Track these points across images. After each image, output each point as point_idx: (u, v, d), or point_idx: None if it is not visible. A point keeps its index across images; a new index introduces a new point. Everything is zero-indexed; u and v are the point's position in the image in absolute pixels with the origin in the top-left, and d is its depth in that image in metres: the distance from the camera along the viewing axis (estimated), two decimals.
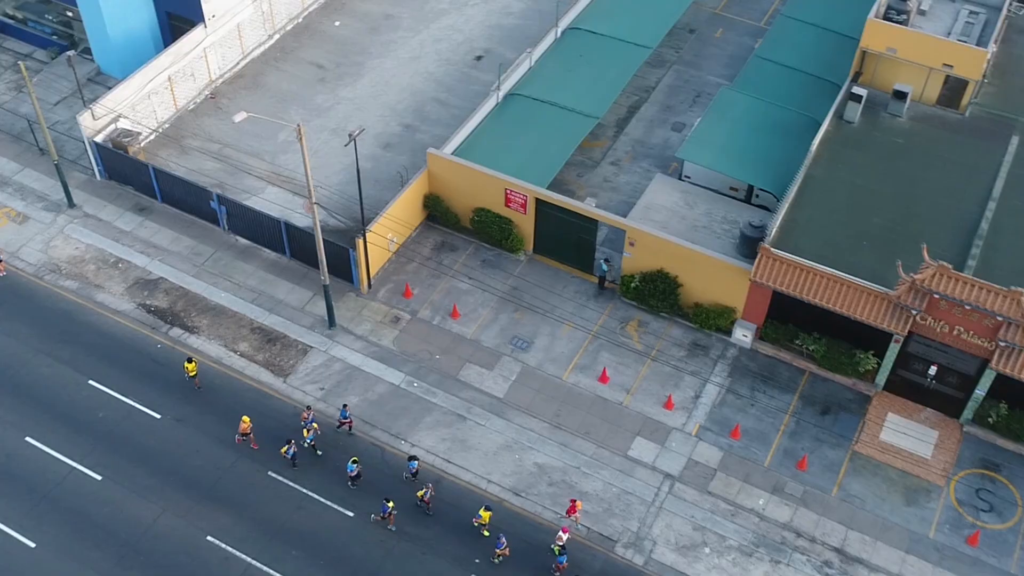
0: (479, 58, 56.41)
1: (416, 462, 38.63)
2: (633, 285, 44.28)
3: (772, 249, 40.80)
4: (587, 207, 44.90)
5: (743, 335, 43.46)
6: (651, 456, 40.30)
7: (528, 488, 39.28)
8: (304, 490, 38.95)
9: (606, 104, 49.72)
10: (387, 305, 45.09)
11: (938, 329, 39.20)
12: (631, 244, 43.87)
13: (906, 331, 39.39)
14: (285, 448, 38.98)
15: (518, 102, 49.64)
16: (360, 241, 43.51)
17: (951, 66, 45.46)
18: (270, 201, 48.02)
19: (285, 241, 45.97)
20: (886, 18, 46.41)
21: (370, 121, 52.09)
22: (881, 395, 42.12)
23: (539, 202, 45.07)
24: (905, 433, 41.00)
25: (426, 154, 46.85)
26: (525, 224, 46.06)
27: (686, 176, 47.70)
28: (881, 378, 41.82)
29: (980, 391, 39.94)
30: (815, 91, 49.42)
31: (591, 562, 37.08)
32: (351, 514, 38.41)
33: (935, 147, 45.53)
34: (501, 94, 49.84)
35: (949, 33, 46.89)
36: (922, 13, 47.70)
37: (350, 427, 40.43)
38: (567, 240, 45.62)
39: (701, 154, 46.70)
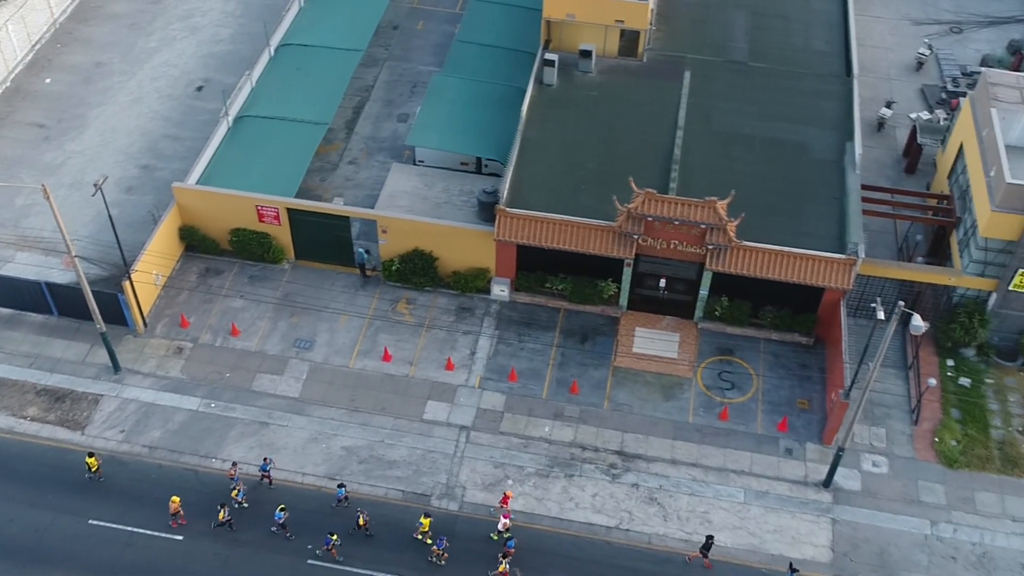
0: (200, 88, 58.16)
1: (344, 489, 40.57)
2: (394, 268, 48.14)
3: (507, 209, 45.70)
4: (336, 207, 48.25)
5: (500, 290, 48.34)
6: (444, 415, 44.45)
7: (341, 471, 42.50)
8: (129, 528, 40.44)
9: (332, 109, 53.05)
10: (167, 339, 46.74)
11: (658, 247, 45.40)
12: (384, 232, 47.65)
13: (633, 254, 45.42)
14: (222, 514, 39.78)
15: (249, 123, 52.09)
16: (127, 284, 44.95)
17: (622, 21, 51.89)
18: (24, 265, 48.31)
19: (50, 301, 46.52)
20: None
21: (107, 169, 52.94)
22: (627, 314, 48.17)
23: (291, 211, 47.97)
24: (653, 341, 47.22)
25: (171, 189, 48.61)
26: (282, 235, 48.85)
27: (420, 160, 51.93)
28: (623, 300, 47.84)
29: (704, 291, 46.67)
30: (515, 63, 54.79)
31: (412, 520, 40.83)
32: (180, 538, 40.30)
33: (624, 93, 51.87)
34: (230, 119, 52.09)
35: None
36: None
37: (268, 480, 41.75)
38: (325, 241, 48.79)
39: (428, 138, 51.01)
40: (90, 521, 40.63)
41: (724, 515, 41.50)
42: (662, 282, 47.05)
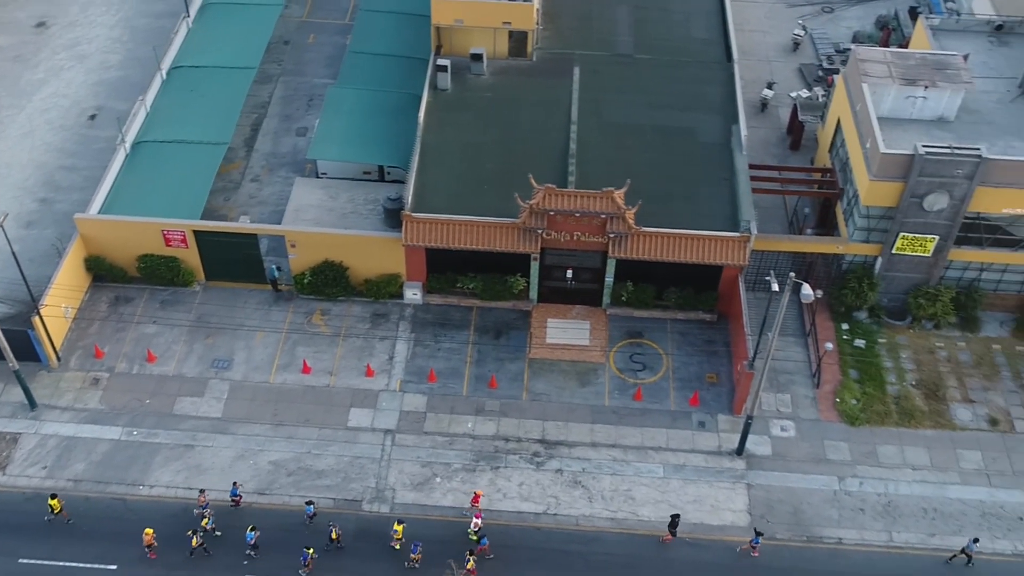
0: (93, 117, 57.70)
1: (312, 506, 41.07)
2: (306, 281, 48.73)
3: (413, 214, 46.69)
4: (243, 225, 48.62)
5: (413, 294, 49.32)
6: (368, 420, 45.28)
7: (270, 485, 42.99)
8: (60, 563, 40.33)
9: (230, 129, 53.26)
10: (82, 371, 46.54)
11: (562, 239, 46.92)
12: (293, 246, 48.19)
13: (538, 249, 46.84)
14: (195, 540, 39.86)
15: (147, 148, 52.02)
16: (36, 319, 44.66)
17: (510, 22, 53.23)
18: None
19: None
20: None
21: (4, 205, 52.24)
22: (537, 307, 49.61)
23: (197, 233, 48.16)
24: (565, 330, 48.75)
25: (73, 220, 48.33)
26: (190, 257, 49.00)
27: (322, 173, 52.55)
28: (533, 293, 49.26)
29: (609, 278, 48.36)
30: (409, 70, 55.77)
31: (345, 525, 41.55)
32: (114, 567, 40.38)
33: (517, 93, 53.20)
34: (127, 145, 51.94)
35: None
36: None
37: (237, 503, 41.96)
38: (234, 260, 49.09)
39: (329, 150, 51.67)
40: (20, 560, 40.41)
41: (646, 491, 43.22)
42: (569, 273, 48.59)
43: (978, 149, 44.35)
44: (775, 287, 40.05)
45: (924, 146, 44.53)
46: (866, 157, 46.41)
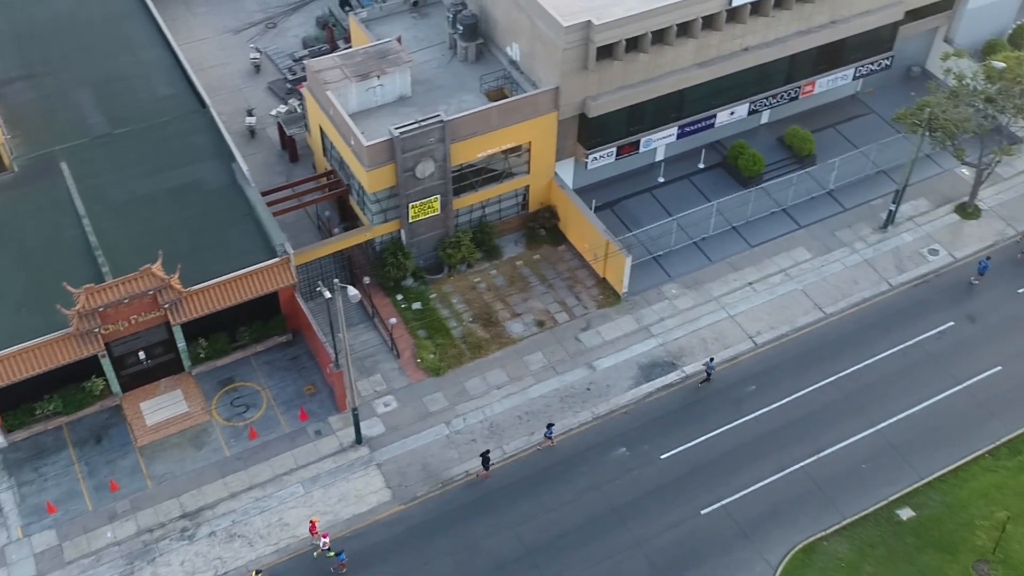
0: None
1: None
2: None
3: None
4: None
5: None
6: None
7: None
8: None
9: None
10: None
11: (122, 328, 47.97)
12: None
13: (103, 346, 47.55)
14: None
15: None
16: None
17: None
18: None
19: None
20: None
21: None
22: (125, 397, 50.39)
23: None
24: (160, 408, 50.14)
25: None
26: None
27: None
28: (115, 387, 49.91)
29: (181, 344, 50.29)
30: None
31: None
32: None
33: (14, 208, 51.98)
34: None
35: None
36: None
37: None
38: None
39: None
40: None
41: (296, 512, 46.66)
42: (142, 354, 49.83)
43: (438, 115, 51.67)
44: (327, 295, 44.63)
45: (396, 128, 50.98)
46: (355, 152, 52.11)
